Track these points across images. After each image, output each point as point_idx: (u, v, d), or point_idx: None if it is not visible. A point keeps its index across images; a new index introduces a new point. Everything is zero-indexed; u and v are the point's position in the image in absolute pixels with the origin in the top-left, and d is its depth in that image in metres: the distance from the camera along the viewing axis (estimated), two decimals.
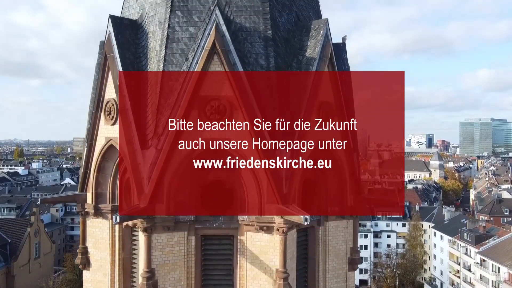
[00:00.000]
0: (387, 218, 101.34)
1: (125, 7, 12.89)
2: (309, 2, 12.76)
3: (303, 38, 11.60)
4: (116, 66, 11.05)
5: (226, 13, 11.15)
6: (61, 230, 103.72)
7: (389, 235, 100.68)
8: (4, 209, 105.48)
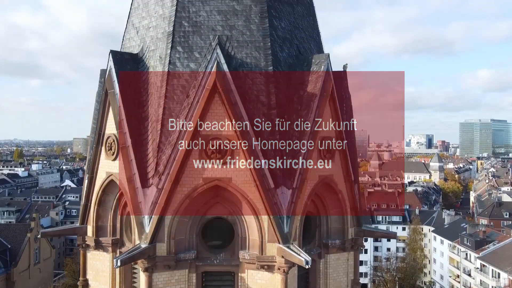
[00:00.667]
0: (387, 221, 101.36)
1: (126, 38, 12.88)
2: (310, 34, 12.73)
3: (304, 72, 11.56)
4: (116, 102, 11.02)
5: (227, 48, 11.13)
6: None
7: (389, 239, 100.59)
8: (4, 213, 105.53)
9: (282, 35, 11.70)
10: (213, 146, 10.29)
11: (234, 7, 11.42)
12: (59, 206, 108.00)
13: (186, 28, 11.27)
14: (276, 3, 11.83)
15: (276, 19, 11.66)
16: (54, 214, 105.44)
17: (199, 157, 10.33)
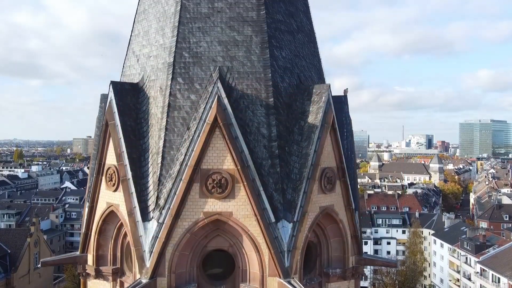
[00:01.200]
0: (387, 225, 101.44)
1: (127, 65, 12.86)
2: (311, 61, 12.71)
3: (305, 102, 11.55)
4: (117, 134, 11.00)
5: (227, 80, 11.11)
6: (61, 236, 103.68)
7: (389, 242, 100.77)
8: (4, 215, 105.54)
9: (283, 64, 11.68)
10: (214, 180, 10.27)
11: (235, 38, 11.40)
12: (59, 209, 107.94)
13: (186, 59, 11.25)
14: (277, 32, 11.81)
15: (277, 48, 11.63)
16: (54, 217, 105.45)
17: (200, 191, 10.31)
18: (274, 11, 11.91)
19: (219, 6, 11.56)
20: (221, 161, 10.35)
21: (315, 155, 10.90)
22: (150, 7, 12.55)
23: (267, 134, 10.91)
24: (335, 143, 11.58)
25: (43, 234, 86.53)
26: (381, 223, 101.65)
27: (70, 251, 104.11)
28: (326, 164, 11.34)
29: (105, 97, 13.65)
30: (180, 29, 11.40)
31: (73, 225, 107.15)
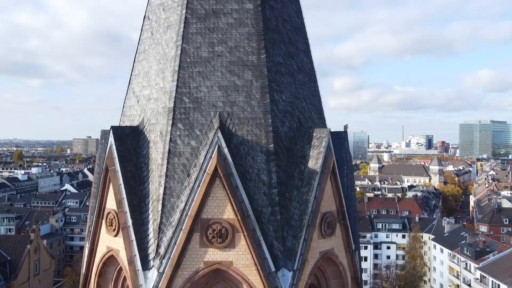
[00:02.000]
0: (387, 229, 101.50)
1: (127, 105, 12.86)
2: (311, 101, 12.71)
3: (305, 146, 11.54)
4: (117, 180, 11.00)
5: (228, 126, 11.11)
6: (61, 240, 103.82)
7: (389, 247, 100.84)
8: (4, 219, 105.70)
9: (283, 108, 11.67)
10: (214, 230, 10.27)
11: (235, 82, 11.39)
12: (59, 213, 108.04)
13: (187, 104, 11.24)
14: (277, 75, 11.80)
15: (277, 92, 11.63)
16: (54, 221, 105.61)
17: (200, 241, 10.31)
18: (274, 53, 11.90)
19: (219, 50, 11.56)
20: (222, 210, 10.35)
21: (315, 201, 10.90)
22: (151, 47, 12.55)
23: (267, 181, 10.91)
24: (336, 187, 11.58)
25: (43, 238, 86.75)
26: (381, 227, 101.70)
27: (70, 256, 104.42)
28: (326, 208, 11.34)
29: (105, 134, 13.66)
30: (180, 73, 11.39)
31: (73, 229, 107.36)
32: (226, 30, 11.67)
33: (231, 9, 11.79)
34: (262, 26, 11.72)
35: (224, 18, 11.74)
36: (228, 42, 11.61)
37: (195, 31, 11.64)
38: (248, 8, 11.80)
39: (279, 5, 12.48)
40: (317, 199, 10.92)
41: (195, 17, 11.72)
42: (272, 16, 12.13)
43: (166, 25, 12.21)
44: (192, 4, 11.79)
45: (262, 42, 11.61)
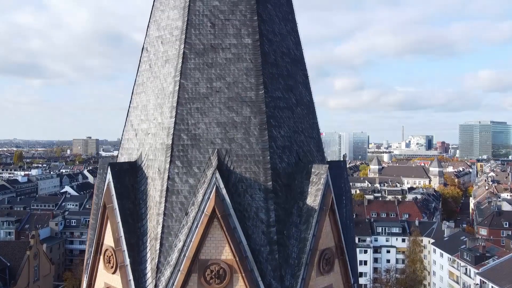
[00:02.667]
0: (387, 233, 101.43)
1: (125, 137, 12.83)
2: (309, 134, 12.66)
3: (303, 181, 11.50)
4: (115, 217, 10.96)
5: (226, 163, 11.07)
6: (61, 244, 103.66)
7: (388, 250, 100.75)
8: (4, 223, 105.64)
9: (281, 144, 11.63)
10: (212, 271, 10.24)
11: (233, 119, 11.35)
12: (59, 216, 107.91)
13: (185, 141, 11.20)
14: (276, 110, 11.76)
15: (275, 128, 11.58)
16: (54, 224, 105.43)
17: (198, 282, 10.27)
18: (273, 88, 11.86)
19: (218, 85, 11.52)
20: (220, 251, 10.32)
21: (313, 239, 10.86)
22: (149, 80, 12.50)
23: (266, 219, 10.87)
24: (334, 223, 11.54)
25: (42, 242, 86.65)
26: (381, 231, 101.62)
27: (70, 259, 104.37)
28: (325, 245, 11.30)
29: (103, 163, 13.65)
30: (178, 109, 11.35)
31: (72, 233, 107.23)
32: (225, 66, 11.63)
33: (229, 44, 11.75)
34: (260, 61, 11.68)
35: (222, 53, 11.70)
36: (226, 78, 11.57)
37: (193, 67, 11.60)
38: (246, 43, 11.76)
39: (277, 38, 12.44)
40: (315, 237, 10.89)
41: (194, 52, 11.68)
42: (270, 50, 12.09)
43: (165, 58, 12.17)
44: (190, 39, 11.75)
45: (261, 78, 11.57)
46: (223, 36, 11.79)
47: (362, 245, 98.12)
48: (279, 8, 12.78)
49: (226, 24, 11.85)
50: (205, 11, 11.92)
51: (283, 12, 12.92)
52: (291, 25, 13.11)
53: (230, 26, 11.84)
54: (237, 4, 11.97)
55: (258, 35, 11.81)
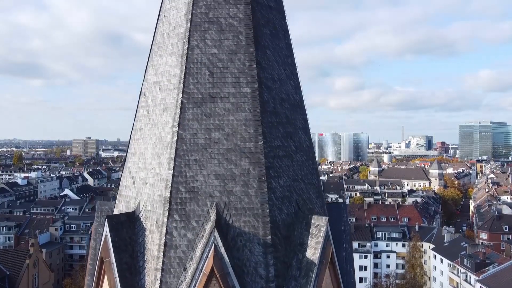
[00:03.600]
0: (387, 238, 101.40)
1: (123, 184, 12.70)
2: (309, 181, 12.53)
3: (303, 232, 11.37)
4: (112, 273, 10.84)
5: (225, 217, 10.94)
6: (60, 249, 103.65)
7: (388, 256, 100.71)
8: (3, 228, 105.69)
9: (281, 195, 11.50)
10: None
11: (232, 171, 11.21)
12: (58, 221, 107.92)
13: (183, 194, 11.06)
14: (275, 160, 11.62)
15: (274, 179, 11.45)
16: (53, 229, 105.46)
17: None
18: (272, 137, 11.72)
19: (216, 136, 11.38)
20: None
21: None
22: (147, 127, 12.37)
23: (265, 275, 10.74)
24: (334, 276, 11.43)
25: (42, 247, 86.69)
26: (381, 236, 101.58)
27: (70, 264, 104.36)
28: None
29: (101, 206, 13.53)
30: (176, 161, 11.21)
31: (72, 238, 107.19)
32: (223, 116, 11.49)
33: (228, 93, 11.62)
34: (259, 111, 11.54)
35: (221, 103, 11.56)
36: (225, 128, 11.43)
37: (192, 117, 11.46)
38: (245, 92, 11.63)
39: (277, 84, 12.31)
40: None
41: (192, 102, 11.54)
42: (270, 98, 11.96)
43: (162, 106, 12.04)
44: (188, 88, 11.61)
45: (260, 128, 11.44)
46: (221, 85, 11.65)
47: (362, 250, 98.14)
48: (279, 53, 12.65)
49: (224, 73, 11.71)
50: (203, 59, 11.78)
51: (283, 56, 12.79)
52: (290, 69, 12.98)
53: (228, 74, 11.70)
54: (236, 52, 11.84)
55: (257, 83, 11.67)
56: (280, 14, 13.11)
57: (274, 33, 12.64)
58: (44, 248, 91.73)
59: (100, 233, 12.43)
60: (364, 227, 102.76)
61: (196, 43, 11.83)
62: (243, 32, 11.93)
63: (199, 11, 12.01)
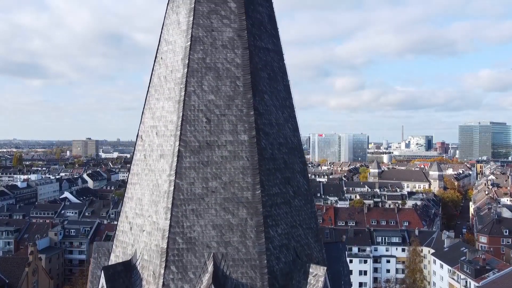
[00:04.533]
0: (387, 243, 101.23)
1: (120, 229, 12.61)
2: (307, 225, 12.43)
3: (301, 281, 11.28)
4: None
5: (222, 268, 10.85)
6: (60, 254, 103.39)
7: (388, 260, 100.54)
8: (3, 233, 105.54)
9: (279, 243, 11.40)
10: None
11: (230, 221, 11.12)
12: (58, 226, 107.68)
13: (180, 245, 10.97)
14: (273, 208, 11.52)
15: (272, 228, 11.36)
16: (53, 234, 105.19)
17: None
18: (270, 184, 11.63)
19: (214, 185, 11.28)
20: None
21: None
22: (143, 172, 12.27)
23: None
24: None
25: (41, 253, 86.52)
26: (381, 240, 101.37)
27: (69, 269, 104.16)
28: None
29: (98, 247, 13.43)
30: (173, 211, 11.11)
31: (72, 243, 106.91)
32: (221, 164, 11.39)
33: (225, 141, 11.51)
34: (257, 158, 11.44)
35: (218, 151, 11.46)
36: (222, 177, 11.33)
37: (189, 165, 11.36)
38: (243, 139, 11.53)
39: (274, 129, 12.20)
40: None
41: (189, 150, 11.44)
42: (267, 144, 11.86)
43: (159, 152, 11.94)
44: (185, 136, 11.51)
45: (257, 177, 11.34)
46: (219, 132, 11.55)
47: (362, 255, 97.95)
48: (276, 96, 12.55)
49: (222, 120, 11.61)
50: (201, 106, 11.68)
51: (281, 99, 12.69)
52: (288, 111, 12.88)
53: (226, 121, 11.60)
54: (233, 98, 11.73)
55: (254, 131, 11.57)
56: (278, 55, 13.00)
57: (272, 76, 12.54)
58: (44, 254, 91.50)
59: (97, 276, 12.36)
60: (364, 231, 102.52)
61: (193, 89, 11.73)
62: (240, 78, 11.82)
63: (196, 56, 11.90)
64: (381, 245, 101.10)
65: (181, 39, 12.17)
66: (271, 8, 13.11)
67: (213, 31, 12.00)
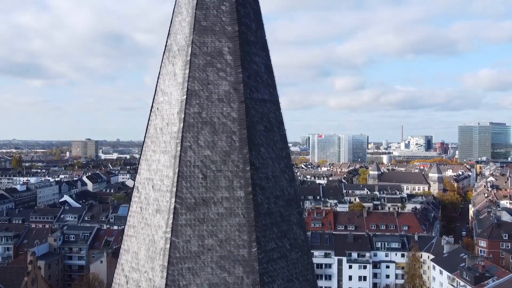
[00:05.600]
0: (386, 248, 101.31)
1: (116, 281, 12.57)
2: (304, 277, 12.40)
3: None
4: None
5: None
6: (59, 260, 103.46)
7: (388, 266, 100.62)
8: (2, 238, 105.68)
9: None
10: None
11: (226, 279, 11.09)
12: (57, 231, 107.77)
13: None
14: (270, 264, 11.47)
15: (269, 284, 11.31)
16: (52, 240, 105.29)
17: None
18: (266, 240, 11.60)
19: (210, 243, 11.25)
20: None
21: None
22: (140, 225, 12.24)
23: None
24: None
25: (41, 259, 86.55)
26: (380, 246, 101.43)
27: (69, 275, 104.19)
28: None
29: None
30: (169, 269, 11.08)
31: (71, 248, 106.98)
32: (217, 221, 11.36)
33: (221, 198, 11.48)
34: (253, 215, 11.41)
35: (214, 208, 11.43)
36: (218, 235, 11.30)
37: (185, 223, 11.33)
38: (239, 196, 11.50)
39: (271, 182, 12.16)
40: None
41: (185, 207, 11.41)
42: (264, 199, 11.83)
43: (155, 207, 11.91)
44: (181, 193, 11.47)
45: (253, 234, 11.31)
46: (214, 188, 11.52)
47: (362, 261, 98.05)
48: (273, 148, 12.51)
49: (218, 176, 11.58)
50: (197, 161, 11.64)
51: (277, 150, 12.65)
52: (285, 162, 12.85)
53: (222, 177, 11.57)
54: (229, 154, 11.70)
55: (250, 187, 11.53)
56: (275, 105, 12.97)
57: (268, 128, 12.51)
58: (43, 260, 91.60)
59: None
60: (363, 237, 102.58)
61: (189, 145, 11.70)
62: (236, 133, 11.79)
63: (192, 110, 11.86)
64: (380, 251, 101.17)
65: (177, 92, 12.14)
66: (267, 57, 13.07)
67: (209, 84, 11.96)
